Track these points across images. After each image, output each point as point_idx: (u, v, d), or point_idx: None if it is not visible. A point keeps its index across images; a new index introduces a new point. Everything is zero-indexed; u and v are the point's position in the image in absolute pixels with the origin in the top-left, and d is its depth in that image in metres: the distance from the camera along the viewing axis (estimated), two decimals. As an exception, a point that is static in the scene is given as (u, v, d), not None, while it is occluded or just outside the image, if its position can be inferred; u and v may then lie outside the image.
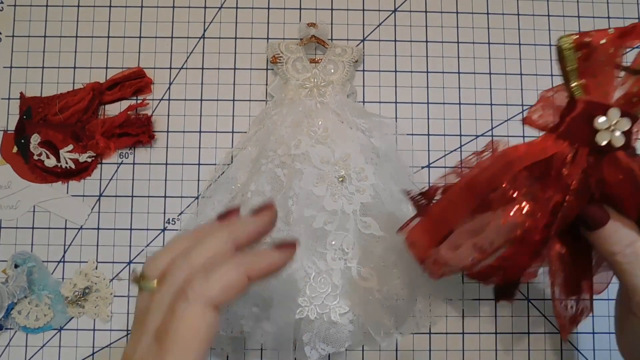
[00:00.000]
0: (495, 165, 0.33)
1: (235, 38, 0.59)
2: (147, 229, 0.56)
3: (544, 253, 0.34)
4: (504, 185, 0.32)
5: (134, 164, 0.57)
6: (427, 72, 0.59)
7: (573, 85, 0.31)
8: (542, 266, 0.38)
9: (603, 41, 0.30)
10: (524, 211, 0.32)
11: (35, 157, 0.56)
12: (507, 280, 0.36)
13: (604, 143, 0.30)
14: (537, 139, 0.32)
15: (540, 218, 0.32)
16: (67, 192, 0.57)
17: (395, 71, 0.59)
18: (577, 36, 0.30)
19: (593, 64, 0.30)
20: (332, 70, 0.56)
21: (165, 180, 0.57)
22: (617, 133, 0.30)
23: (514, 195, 0.32)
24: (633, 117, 0.30)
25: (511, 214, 0.32)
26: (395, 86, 0.59)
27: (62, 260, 0.56)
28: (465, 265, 0.35)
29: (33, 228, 0.56)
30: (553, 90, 0.33)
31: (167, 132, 0.58)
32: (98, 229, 0.56)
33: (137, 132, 0.56)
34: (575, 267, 0.36)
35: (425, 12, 0.60)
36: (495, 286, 0.40)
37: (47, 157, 0.56)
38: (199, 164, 0.57)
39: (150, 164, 0.57)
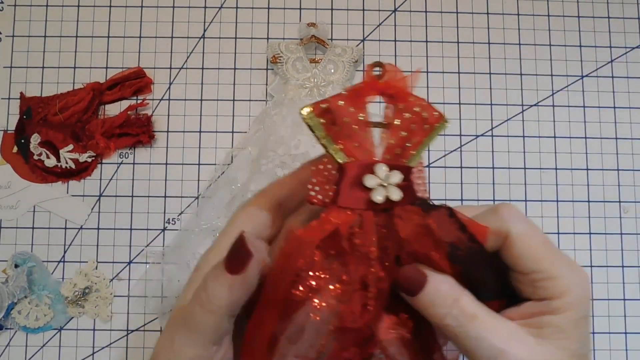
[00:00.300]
0: (288, 253, 0.29)
1: (235, 38, 0.59)
2: (147, 229, 0.56)
3: (376, 338, 0.30)
4: (302, 275, 0.28)
5: (134, 164, 0.57)
6: (427, 72, 0.59)
7: (332, 152, 0.29)
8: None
9: (341, 103, 0.29)
10: (332, 297, 0.28)
11: (35, 157, 0.56)
12: None
13: (380, 200, 0.28)
14: (322, 215, 0.29)
15: (353, 300, 0.29)
16: (67, 192, 0.57)
17: (395, 71, 0.59)
18: (314, 105, 0.29)
19: (342, 127, 0.29)
20: (332, 70, 0.56)
21: (165, 180, 0.57)
22: (392, 187, 0.28)
23: (315, 283, 0.29)
24: (403, 169, 0.29)
25: (319, 304, 0.28)
26: (395, 86, 0.59)
27: (62, 260, 0.56)
28: None
29: (33, 228, 0.56)
30: (323, 163, 0.30)
31: (167, 132, 0.58)
32: (98, 229, 0.56)
33: (137, 132, 0.56)
34: (419, 343, 0.31)
35: (425, 12, 0.60)
36: None
37: (47, 157, 0.56)
38: (199, 164, 0.57)
39: (150, 164, 0.57)
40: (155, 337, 0.54)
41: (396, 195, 0.28)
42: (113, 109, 0.58)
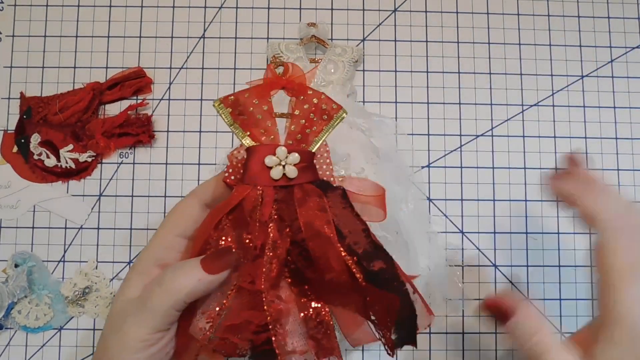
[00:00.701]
0: (205, 222, 0.34)
1: (235, 38, 0.59)
2: (147, 229, 0.56)
3: (275, 301, 0.33)
4: (212, 236, 0.33)
5: (134, 163, 0.57)
6: (427, 72, 0.59)
7: (241, 137, 0.35)
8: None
9: (246, 95, 0.34)
10: (234, 260, 0.32)
11: (36, 157, 0.56)
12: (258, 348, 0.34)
13: (277, 176, 0.33)
14: (232, 192, 0.34)
15: (253, 264, 0.33)
16: (67, 192, 0.57)
17: (395, 71, 0.59)
18: (223, 97, 0.35)
19: (249, 117, 0.34)
20: (332, 70, 0.56)
21: (165, 180, 0.57)
22: (289, 167, 0.33)
23: (222, 243, 0.33)
24: (303, 152, 0.34)
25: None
26: (395, 86, 0.59)
27: (62, 260, 0.56)
28: (203, 342, 0.32)
29: (33, 228, 0.56)
30: (237, 150, 0.35)
31: (167, 132, 0.58)
32: (98, 228, 0.56)
33: (137, 132, 0.56)
34: (317, 319, 0.34)
35: (425, 12, 0.60)
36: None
37: (47, 156, 0.56)
38: (199, 164, 0.57)
39: (150, 163, 0.57)
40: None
41: (292, 173, 0.33)
42: (113, 109, 0.58)
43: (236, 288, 0.33)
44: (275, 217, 0.34)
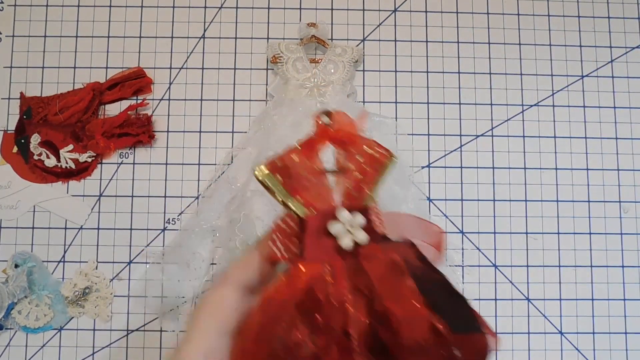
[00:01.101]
0: (269, 315, 0.29)
1: (235, 38, 0.59)
2: (147, 229, 0.56)
3: None
4: (283, 334, 0.28)
5: (134, 164, 0.57)
6: (427, 72, 0.59)
7: (292, 206, 0.29)
8: None
9: (294, 157, 0.30)
10: (314, 350, 0.28)
11: (35, 157, 0.56)
12: None
13: (349, 245, 0.28)
14: (291, 271, 0.29)
15: (335, 349, 0.28)
16: (67, 192, 0.57)
17: (395, 71, 0.59)
18: (268, 163, 0.29)
19: (299, 179, 0.29)
20: (332, 70, 0.56)
21: (165, 180, 0.57)
22: (357, 230, 0.29)
23: (299, 338, 0.28)
24: (363, 210, 0.29)
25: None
26: (395, 86, 0.59)
27: (62, 260, 0.56)
28: None
29: (33, 228, 0.56)
30: (282, 220, 0.30)
31: (167, 132, 0.58)
32: (98, 229, 0.56)
33: (137, 132, 0.56)
34: None
35: (425, 12, 0.60)
36: None
37: (47, 157, 0.56)
38: (199, 164, 0.57)
39: (150, 164, 0.57)
40: (155, 337, 0.54)
41: (362, 237, 0.29)
42: (113, 109, 0.58)
43: None
44: (350, 292, 0.29)
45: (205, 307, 0.30)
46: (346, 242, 0.29)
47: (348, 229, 0.29)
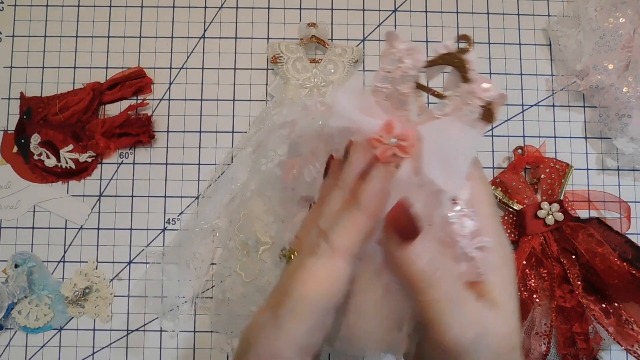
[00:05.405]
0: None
1: (235, 38, 0.59)
2: (147, 229, 0.56)
3: (586, 314, 0.52)
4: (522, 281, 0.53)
5: (134, 164, 0.57)
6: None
7: (512, 205, 0.54)
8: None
9: (507, 176, 0.55)
10: (544, 289, 0.53)
11: (36, 157, 0.56)
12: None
13: (551, 222, 0.52)
14: (521, 241, 0.53)
15: (559, 288, 0.52)
16: (67, 192, 0.57)
17: (395, 71, 0.59)
18: (498, 180, 0.55)
19: (512, 190, 0.54)
20: (333, 70, 0.56)
21: (165, 180, 0.57)
22: (556, 213, 0.53)
23: (533, 284, 0.53)
24: (557, 201, 0.53)
25: (538, 296, 0.52)
26: (395, 86, 0.59)
27: (62, 260, 0.56)
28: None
29: (33, 228, 0.56)
30: (507, 213, 0.55)
31: (167, 132, 0.58)
32: (98, 229, 0.56)
33: (137, 132, 0.56)
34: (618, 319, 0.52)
35: (426, 12, 0.60)
36: None
37: (47, 157, 0.56)
38: (199, 164, 0.57)
39: (150, 164, 0.57)
40: (155, 337, 0.54)
41: (560, 216, 0.52)
42: (113, 109, 0.58)
43: (555, 307, 0.51)
44: (560, 251, 0.52)
45: (312, 281, 0.27)
46: (550, 220, 0.52)
47: (549, 213, 0.52)
